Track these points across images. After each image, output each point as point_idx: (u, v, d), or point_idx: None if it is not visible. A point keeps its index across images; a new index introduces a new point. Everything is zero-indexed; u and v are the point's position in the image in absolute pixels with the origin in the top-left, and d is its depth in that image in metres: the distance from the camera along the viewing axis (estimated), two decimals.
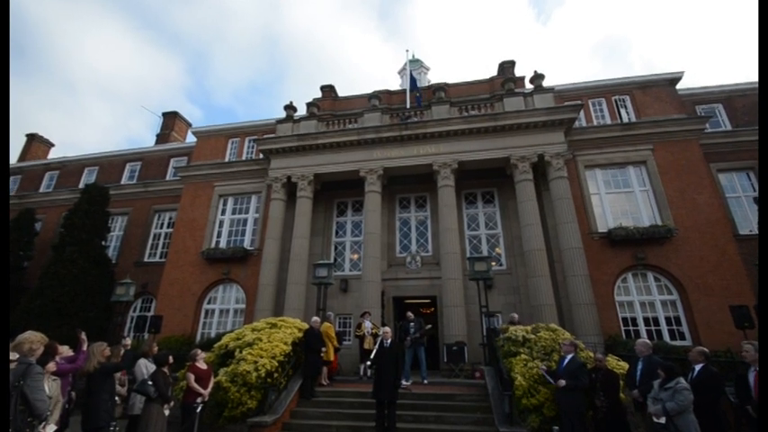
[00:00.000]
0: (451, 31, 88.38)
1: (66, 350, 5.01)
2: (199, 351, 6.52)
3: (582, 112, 13.69)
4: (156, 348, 6.65)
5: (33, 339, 3.65)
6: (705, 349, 5.34)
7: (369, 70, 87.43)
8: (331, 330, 9.07)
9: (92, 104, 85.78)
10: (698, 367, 5.11)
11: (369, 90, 17.00)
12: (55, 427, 3.88)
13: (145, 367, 5.97)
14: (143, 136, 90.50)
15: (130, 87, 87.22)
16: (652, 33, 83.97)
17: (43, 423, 3.47)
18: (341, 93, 17.98)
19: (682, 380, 4.66)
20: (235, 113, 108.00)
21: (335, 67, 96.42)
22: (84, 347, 4.75)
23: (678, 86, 14.02)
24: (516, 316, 9.19)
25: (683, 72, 13.90)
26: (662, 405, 4.62)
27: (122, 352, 6.04)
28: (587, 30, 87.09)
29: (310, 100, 15.94)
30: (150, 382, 5.28)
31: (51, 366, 4.00)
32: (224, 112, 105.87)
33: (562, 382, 5.64)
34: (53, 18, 77.55)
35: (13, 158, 22.82)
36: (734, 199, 13.05)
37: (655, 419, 4.73)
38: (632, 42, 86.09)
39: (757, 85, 13.74)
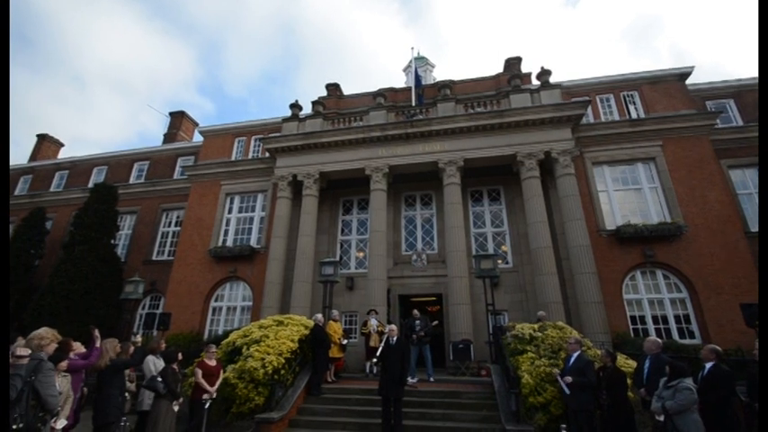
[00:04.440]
0: (473, 17, 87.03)
1: (78, 347, 5.09)
2: (213, 346, 6.64)
3: (590, 109, 13.52)
4: (163, 345, 6.73)
5: (43, 335, 3.71)
6: (717, 347, 5.21)
7: (387, 59, 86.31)
8: (332, 328, 9.10)
9: (102, 99, 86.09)
10: (708, 365, 5.02)
11: (375, 87, 16.97)
12: (65, 422, 3.95)
13: (153, 364, 6.04)
14: (154, 131, 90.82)
15: (141, 81, 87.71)
16: (684, 13, 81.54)
17: (54, 418, 3.53)
18: (353, 86, 18.34)
19: (686, 380, 4.58)
20: (247, 105, 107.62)
21: (352, 56, 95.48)
22: (98, 344, 4.82)
23: (688, 81, 13.80)
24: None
25: (692, 67, 13.68)
26: (662, 403, 4.58)
27: (132, 349, 6.11)
28: (618, 11, 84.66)
29: (316, 98, 15.96)
30: (159, 379, 5.35)
31: (63, 365, 4.07)
32: (236, 104, 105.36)
33: (568, 379, 5.61)
34: (61, 8, 78.20)
35: (25, 158, 23.25)
36: (745, 195, 12.83)
37: (656, 417, 4.69)
38: (664, 22, 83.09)
39: None
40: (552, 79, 13.53)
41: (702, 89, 14.60)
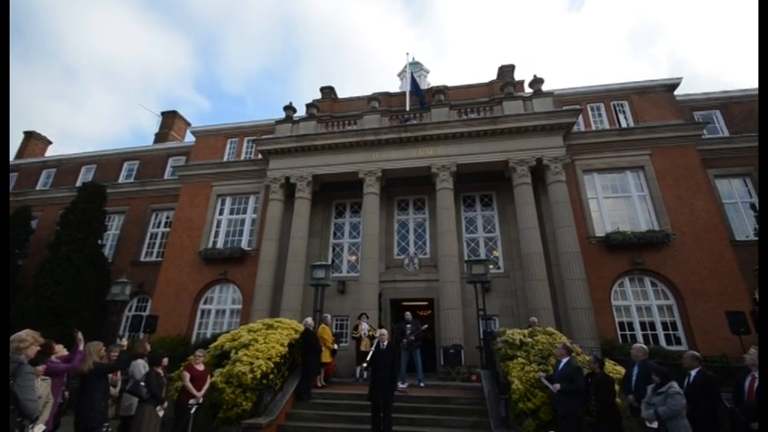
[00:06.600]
0: (478, 19, 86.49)
1: (61, 349, 4.96)
2: (201, 350, 6.54)
3: (581, 117, 13.72)
4: (148, 348, 6.58)
5: (23, 338, 3.59)
6: (697, 353, 5.32)
7: (388, 59, 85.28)
8: (326, 332, 9.04)
9: (96, 93, 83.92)
10: (694, 372, 5.08)
11: (374, 88, 17.05)
12: (44, 428, 3.84)
13: (144, 368, 5.90)
14: (147, 127, 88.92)
15: (136, 75, 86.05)
16: (683, 21, 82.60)
17: (32, 424, 3.43)
18: (352, 86, 18.28)
19: (675, 384, 4.65)
20: (245, 102, 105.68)
21: (353, 54, 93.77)
22: (81, 347, 4.70)
23: (677, 92, 14.08)
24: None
25: (680, 78, 14.00)
26: (654, 410, 4.62)
27: (117, 352, 5.96)
28: (621, 16, 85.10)
29: (311, 101, 15.94)
30: (143, 383, 5.23)
31: (40, 369, 3.95)
32: (233, 101, 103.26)
33: (557, 386, 5.64)
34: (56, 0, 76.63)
35: (11, 155, 22.72)
36: (731, 205, 13.09)
37: (647, 424, 4.73)
38: (665, 28, 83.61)
39: (754, 93, 13.82)
40: (547, 86, 13.72)
41: (690, 100, 14.91)
